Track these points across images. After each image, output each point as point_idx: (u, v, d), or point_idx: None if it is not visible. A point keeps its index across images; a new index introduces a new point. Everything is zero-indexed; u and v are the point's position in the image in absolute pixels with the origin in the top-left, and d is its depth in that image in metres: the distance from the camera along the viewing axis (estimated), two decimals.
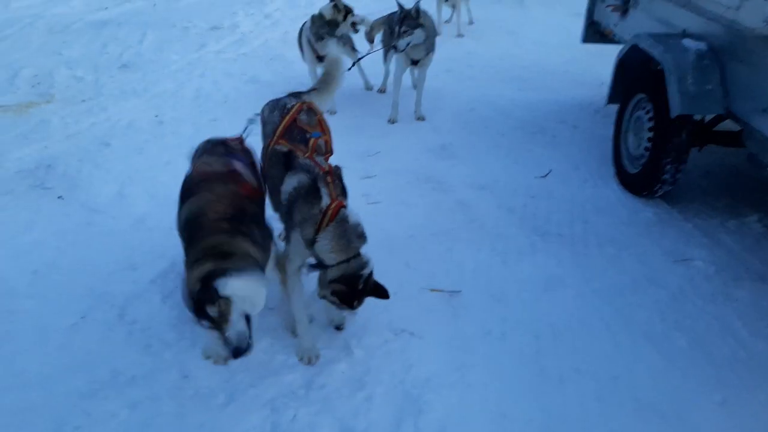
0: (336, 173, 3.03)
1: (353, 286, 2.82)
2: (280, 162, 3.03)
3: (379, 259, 3.62)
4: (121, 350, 3.00)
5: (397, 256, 3.77)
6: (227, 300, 2.26)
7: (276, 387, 2.77)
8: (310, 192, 2.86)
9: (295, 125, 3.20)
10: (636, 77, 4.77)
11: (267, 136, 3.31)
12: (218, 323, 2.28)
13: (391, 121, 5.85)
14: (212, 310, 2.25)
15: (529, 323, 3.28)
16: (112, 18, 8.79)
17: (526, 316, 3.33)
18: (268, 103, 3.53)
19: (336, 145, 3.44)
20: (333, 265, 2.81)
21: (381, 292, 2.92)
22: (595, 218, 4.31)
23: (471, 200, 4.51)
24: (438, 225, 4.16)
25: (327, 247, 2.81)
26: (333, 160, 3.15)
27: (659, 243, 4.00)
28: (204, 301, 2.25)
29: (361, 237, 2.88)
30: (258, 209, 2.89)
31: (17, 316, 3.20)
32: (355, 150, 5.12)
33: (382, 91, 6.62)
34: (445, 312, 3.35)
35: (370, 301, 3.09)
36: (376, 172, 4.84)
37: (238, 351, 2.29)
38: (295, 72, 6.77)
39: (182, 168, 3.09)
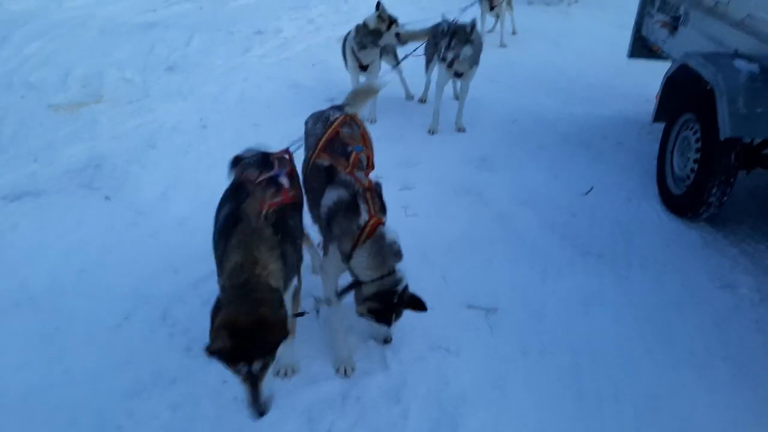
0: (376, 189, 3.05)
1: (388, 303, 2.83)
2: (321, 175, 3.06)
3: (417, 272, 3.65)
4: (163, 351, 3.07)
5: (435, 270, 3.77)
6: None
7: (313, 396, 2.81)
8: (349, 207, 2.88)
9: (338, 138, 3.23)
10: (684, 96, 4.68)
11: (309, 148, 3.35)
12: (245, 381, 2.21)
13: (432, 132, 5.85)
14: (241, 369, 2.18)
15: (568, 342, 3.25)
16: (160, 20, 8.98)
17: (564, 335, 3.29)
18: (312, 115, 3.58)
19: (376, 154, 3.47)
20: (368, 282, 2.83)
21: (418, 304, 2.92)
22: (637, 238, 4.24)
23: (511, 214, 4.47)
24: (477, 239, 4.14)
25: (363, 263, 2.83)
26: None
27: (703, 266, 3.92)
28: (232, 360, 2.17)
29: (397, 255, 2.89)
30: (294, 215, 2.90)
31: (66, 314, 3.30)
32: (395, 160, 5.14)
33: (422, 101, 6.63)
34: (482, 329, 3.33)
35: (407, 315, 3.10)
36: (415, 183, 4.84)
37: (263, 414, 2.22)
38: (337, 78, 6.82)
39: (224, 172, 3.16)
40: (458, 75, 5.73)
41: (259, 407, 2.21)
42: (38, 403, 2.79)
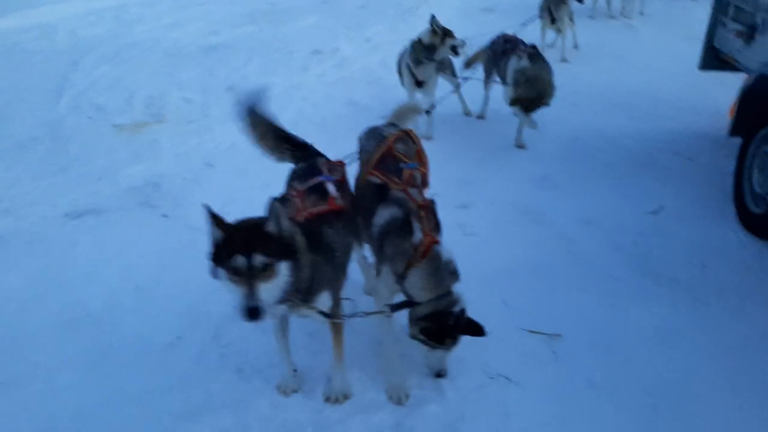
0: (430, 207, 2.92)
1: (443, 324, 2.69)
2: (374, 193, 2.96)
3: (475, 295, 3.47)
4: (215, 373, 3.01)
5: (495, 293, 3.59)
6: None
7: (364, 426, 2.67)
8: (403, 226, 2.77)
9: (391, 155, 3.13)
10: (763, 110, 4.36)
11: (362, 164, 3.26)
12: None
13: (519, 146, 5.68)
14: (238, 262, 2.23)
15: (640, 378, 3.00)
16: (222, 42, 9.18)
17: (636, 369, 3.05)
18: (365, 130, 3.50)
19: (432, 171, 3.35)
20: (422, 303, 2.70)
21: (476, 330, 2.76)
22: (714, 262, 3.94)
23: (575, 235, 4.25)
24: (539, 261, 3.94)
25: (417, 284, 2.71)
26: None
27: None
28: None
29: (453, 275, 2.75)
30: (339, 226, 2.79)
31: (121, 331, 3.30)
32: (451, 177, 5.00)
33: (481, 117, 6.47)
34: (545, 357, 3.13)
35: (464, 340, 2.95)
36: (472, 201, 4.69)
37: (255, 314, 2.19)
38: (393, 96, 6.72)
39: (278, 190, 3.11)
40: None
41: (252, 302, 2.15)
42: (90, 420, 2.77)
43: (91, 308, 3.50)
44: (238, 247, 2.21)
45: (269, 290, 2.25)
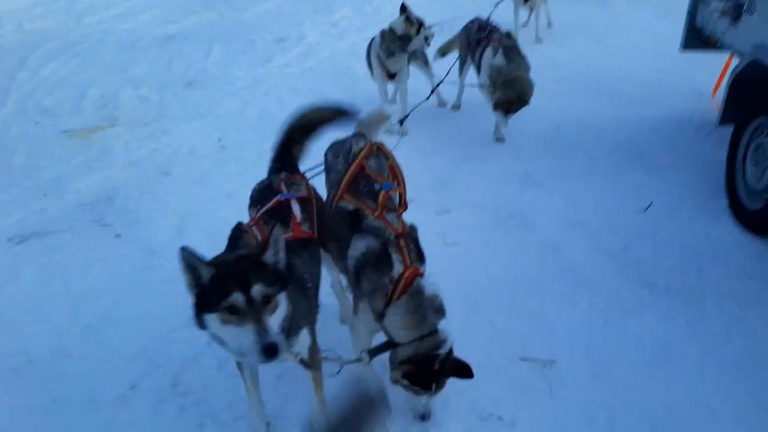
0: (410, 234, 2.61)
1: (428, 368, 2.40)
2: (346, 221, 2.63)
3: (461, 317, 3.23)
4: (173, 429, 2.68)
5: (481, 314, 3.32)
6: None
7: None
8: (380, 258, 2.47)
9: (363, 174, 2.80)
10: (757, 97, 4.11)
11: (331, 187, 2.92)
12: None
13: (498, 139, 5.39)
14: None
15: (642, 407, 2.75)
16: (179, 32, 8.65)
17: (637, 398, 2.80)
18: (331, 146, 3.16)
19: (408, 172, 3.05)
20: (404, 344, 2.41)
21: (463, 371, 2.50)
22: (710, 266, 3.71)
23: (562, 242, 3.98)
24: (526, 274, 3.67)
25: (398, 322, 2.42)
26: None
27: None
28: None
29: (439, 311, 2.47)
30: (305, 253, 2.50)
31: (67, 382, 2.95)
32: (429, 178, 4.69)
33: (456, 107, 6.14)
34: (540, 389, 2.86)
35: (452, 378, 2.69)
36: (452, 205, 4.39)
37: (271, 351, 1.87)
38: (363, 88, 6.37)
39: (244, 201, 2.80)
40: None
41: (267, 338, 1.85)
42: None
43: (34, 354, 3.13)
44: (233, 281, 1.90)
45: (276, 324, 1.96)
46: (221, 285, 1.90)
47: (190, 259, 1.90)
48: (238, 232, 2.50)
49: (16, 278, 3.72)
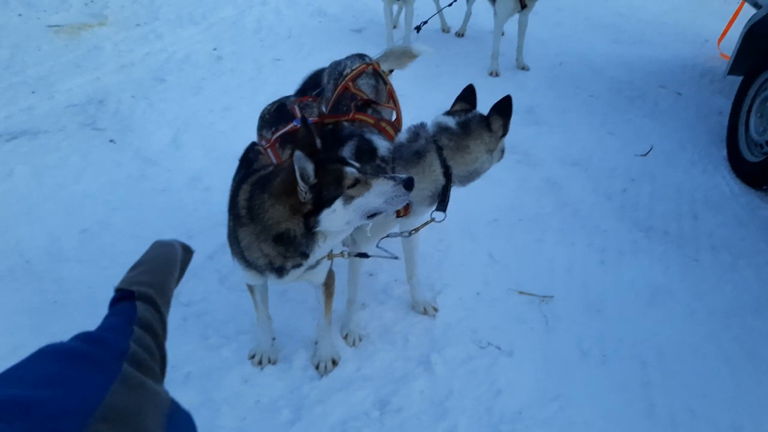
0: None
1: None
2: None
3: (459, 247, 3.26)
4: (176, 338, 2.63)
5: (480, 245, 3.35)
6: None
7: (346, 405, 2.43)
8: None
9: (349, 94, 2.72)
10: None
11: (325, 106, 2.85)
12: None
13: (493, 74, 5.27)
14: None
15: (633, 345, 2.84)
16: None
17: (628, 336, 2.89)
18: (329, 66, 3.06)
19: (411, 102, 3.02)
20: None
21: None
22: (705, 214, 3.77)
23: (562, 179, 3.99)
24: (526, 209, 3.69)
25: None
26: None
27: None
28: None
29: None
30: None
31: (65, 285, 2.92)
32: (430, 108, 4.57)
33: (460, 34, 5.98)
34: (537, 322, 2.93)
35: (452, 305, 2.80)
36: None
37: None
38: (366, 5, 6.14)
39: (241, 115, 2.73)
40: (524, 6, 5.12)
41: (396, 177, 2.00)
42: None
43: (30, 255, 3.08)
44: (340, 163, 1.98)
45: None
46: (333, 172, 1.93)
47: (301, 162, 1.86)
48: (251, 153, 2.44)
49: (8, 177, 3.61)
